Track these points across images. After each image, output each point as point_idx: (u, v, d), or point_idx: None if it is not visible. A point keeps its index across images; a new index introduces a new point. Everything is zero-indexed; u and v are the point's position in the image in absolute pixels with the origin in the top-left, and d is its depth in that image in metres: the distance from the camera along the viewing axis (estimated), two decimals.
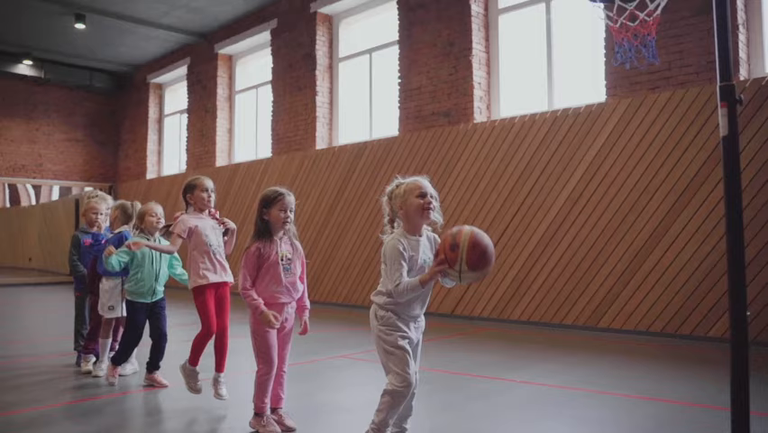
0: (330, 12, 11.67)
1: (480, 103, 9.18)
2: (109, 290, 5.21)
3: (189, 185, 4.34)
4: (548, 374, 5.30)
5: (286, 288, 3.58)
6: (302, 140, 11.82)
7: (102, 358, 5.27)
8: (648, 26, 3.16)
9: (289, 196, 3.64)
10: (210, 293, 4.24)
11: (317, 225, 11.09)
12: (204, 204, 4.31)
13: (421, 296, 2.99)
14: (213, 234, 4.28)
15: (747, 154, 6.50)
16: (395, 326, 2.95)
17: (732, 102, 2.37)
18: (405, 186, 3.03)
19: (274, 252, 3.57)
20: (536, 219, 8.16)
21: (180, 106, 15.90)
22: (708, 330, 6.74)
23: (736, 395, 2.95)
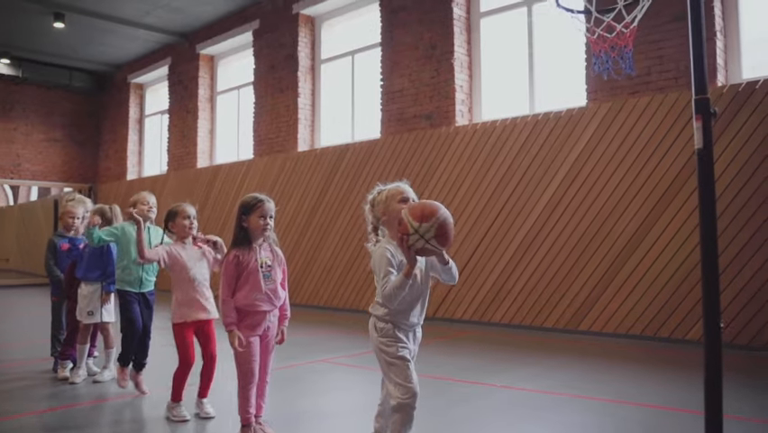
0: (312, 13, 11.63)
1: (461, 106, 9.20)
2: (88, 295, 5.14)
3: (170, 212, 4.21)
4: (529, 378, 5.32)
5: (266, 295, 3.52)
6: (284, 141, 11.77)
7: (80, 364, 5.21)
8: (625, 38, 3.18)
9: (269, 202, 3.58)
10: (190, 331, 4.09)
11: (299, 228, 11.06)
12: (186, 231, 4.16)
13: (419, 299, 2.95)
14: (197, 266, 4.12)
15: (724, 159, 6.57)
16: (395, 337, 2.92)
17: (707, 115, 2.39)
18: (386, 192, 3.01)
19: (253, 259, 3.51)
20: (517, 222, 8.19)
21: (161, 107, 15.77)
22: (687, 333, 6.81)
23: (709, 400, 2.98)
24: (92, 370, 5.37)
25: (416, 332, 3.04)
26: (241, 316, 3.49)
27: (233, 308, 3.45)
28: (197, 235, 4.21)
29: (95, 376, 5.20)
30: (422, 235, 2.66)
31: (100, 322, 5.17)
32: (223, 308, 3.46)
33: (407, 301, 2.91)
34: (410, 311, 2.95)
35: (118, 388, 4.86)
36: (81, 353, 5.20)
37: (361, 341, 7.39)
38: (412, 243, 2.69)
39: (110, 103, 17.21)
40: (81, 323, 5.17)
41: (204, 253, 4.18)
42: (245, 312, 3.49)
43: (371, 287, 9.88)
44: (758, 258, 6.39)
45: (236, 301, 3.47)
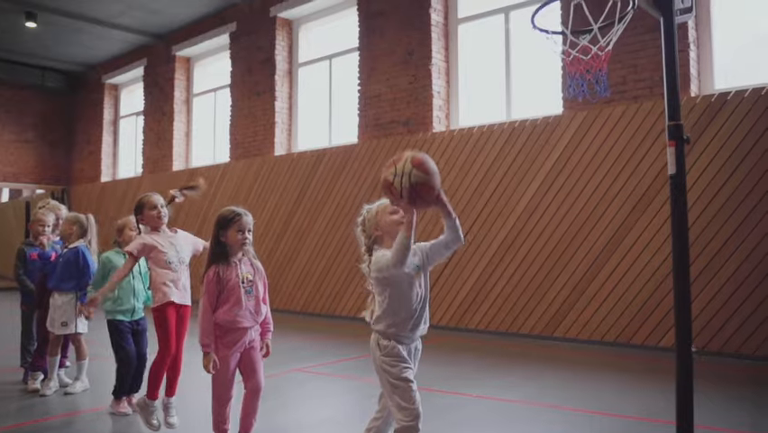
0: (290, 16, 11.58)
1: (439, 112, 9.22)
2: (62, 306, 5.03)
3: (137, 205, 4.20)
4: (506, 388, 5.34)
5: (249, 311, 3.45)
6: (261, 145, 11.70)
7: (50, 376, 5.11)
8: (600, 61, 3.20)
9: (246, 216, 3.51)
10: (172, 313, 4.05)
11: (275, 232, 10.99)
12: (156, 221, 4.14)
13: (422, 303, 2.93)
14: (173, 250, 4.11)
15: (698, 167, 6.65)
16: (398, 356, 2.89)
17: (680, 141, 2.42)
18: (375, 208, 3.05)
19: (234, 275, 3.44)
20: (494, 229, 8.22)
21: (136, 108, 15.59)
22: (660, 340, 6.89)
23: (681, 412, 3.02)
24: (63, 381, 5.28)
25: (417, 347, 3.01)
26: (221, 332, 3.41)
27: (212, 329, 3.37)
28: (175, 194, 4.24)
29: (66, 388, 5.12)
30: (402, 173, 2.66)
31: (78, 332, 5.08)
32: (201, 328, 3.37)
33: (411, 307, 2.89)
34: (413, 318, 2.91)
35: (91, 401, 4.78)
36: (52, 365, 5.10)
37: (338, 348, 7.37)
38: (398, 186, 2.66)
39: (84, 103, 16.96)
40: (52, 334, 5.07)
41: (179, 240, 4.18)
42: (226, 329, 3.41)
43: (348, 292, 9.86)
44: (729, 266, 6.49)
45: (217, 318, 3.39)
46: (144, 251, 4.06)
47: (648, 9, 2.76)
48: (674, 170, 2.39)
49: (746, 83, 6.77)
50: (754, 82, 6.71)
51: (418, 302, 2.92)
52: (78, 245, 5.10)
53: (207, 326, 3.37)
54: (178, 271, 4.10)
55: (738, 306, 6.43)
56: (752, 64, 6.98)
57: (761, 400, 4.96)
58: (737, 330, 6.43)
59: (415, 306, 2.91)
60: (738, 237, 6.47)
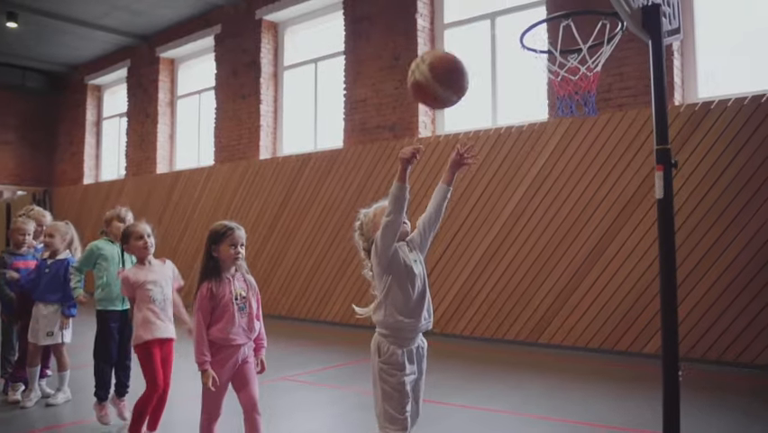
0: (275, 19, 11.52)
1: (425, 117, 9.21)
2: (48, 316, 4.97)
3: (124, 234, 4.10)
4: (491, 397, 5.34)
5: (242, 328, 3.39)
6: (246, 149, 11.63)
7: (31, 387, 5.04)
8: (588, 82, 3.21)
9: (239, 230, 3.44)
10: (157, 349, 3.96)
11: (260, 237, 10.93)
12: (142, 252, 4.04)
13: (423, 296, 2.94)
14: (158, 287, 4.01)
15: (682, 175, 6.69)
16: (397, 364, 2.88)
17: (668, 165, 2.42)
18: (372, 212, 3.06)
19: (227, 291, 3.37)
20: (479, 235, 8.23)
21: (120, 110, 15.44)
22: (643, 347, 6.93)
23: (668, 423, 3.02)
24: (45, 392, 5.20)
25: (420, 347, 2.99)
26: (214, 350, 3.34)
27: (207, 346, 3.31)
28: None
29: (48, 399, 5.04)
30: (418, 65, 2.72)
31: (61, 342, 5.01)
32: (196, 345, 3.30)
33: (413, 300, 2.89)
34: (413, 306, 2.90)
35: (73, 412, 4.71)
36: (32, 376, 5.03)
37: (324, 355, 7.33)
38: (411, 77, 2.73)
39: (66, 104, 16.77)
40: (32, 344, 4.99)
41: (166, 272, 4.10)
42: (219, 346, 3.34)
43: (333, 297, 9.83)
44: (713, 273, 6.54)
45: (210, 335, 3.33)
46: (132, 288, 3.96)
47: (637, 33, 2.78)
48: (662, 194, 2.40)
49: (729, 92, 6.84)
50: (737, 91, 6.78)
51: (419, 293, 2.92)
52: (67, 258, 5.07)
53: (202, 343, 3.30)
54: (162, 308, 4.00)
55: (721, 313, 6.49)
56: (734, 73, 7.04)
57: (748, 408, 5.00)
58: (720, 337, 6.48)
59: (415, 295, 2.91)
60: (722, 244, 6.53)
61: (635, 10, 2.74)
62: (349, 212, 9.65)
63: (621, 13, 2.70)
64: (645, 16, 2.77)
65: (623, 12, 2.68)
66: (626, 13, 2.68)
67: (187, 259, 12.30)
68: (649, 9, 2.79)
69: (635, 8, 2.73)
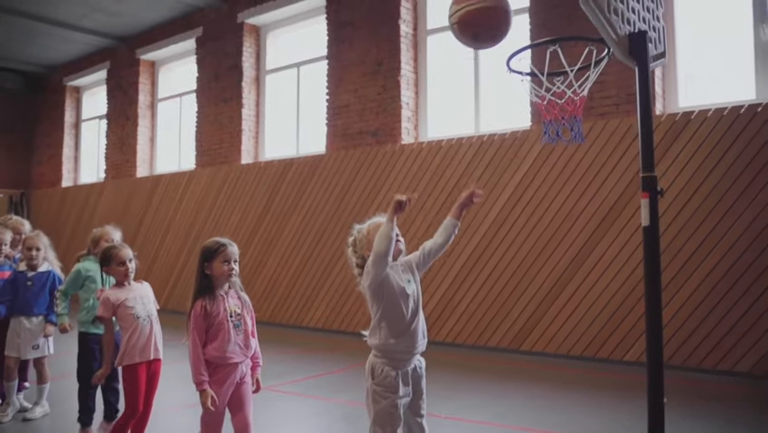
0: (257, 23, 11.45)
1: (407, 123, 9.20)
2: (32, 329, 4.90)
3: (105, 256, 3.98)
4: (476, 407, 5.33)
5: (238, 346, 3.33)
6: (227, 153, 11.55)
7: (9, 401, 4.94)
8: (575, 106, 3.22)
9: (232, 246, 3.39)
10: (143, 372, 3.86)
11: (242, 242, 10.84)
12: (122, 277, 3.95)
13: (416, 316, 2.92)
14: (141, 304, 3.92)
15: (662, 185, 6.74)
16: (390, 386, 2.86)
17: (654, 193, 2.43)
18: (366, 227, 3.06)
19: (222, 309, 3.32)
20: (462, 242, 8.23)
21: (99, 111, 15.26)
22: (625, 354, 6.97)
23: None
24: (22, 405, 5.11)
25: (416, 367, 2.97)
26: (211, 369, 3.28)
27: (204, 365, 3.24)
28: None
29: (25, 413, 4.96)
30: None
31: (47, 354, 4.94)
32: (193, 365, 3.23)
33: (406, 321, 2.88)
34: (408, 329, 2.88)
35: (51, 427, 4.63)
36: (10, 390, 4.93)
37: (306, 363, 7.29)
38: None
39: (44, 106, 16.54)
40: (12, 358, 4.89)
41: (146, 291, 4.01)
42: (215, 366, 3.28)
43: (316, 302, 9.78)
44: (693, 281, 6.60)
45: (206, 354, 3.27)
46: (113, 309, 3.85)
47: (623, 60, 2.79)
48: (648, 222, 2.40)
49: (709, 102, 6.91)
50: (717, 101, 6.85)
51: (412, 313, 2.91)
52: (50, 270, 5.02)
53: (198, 362, 3.24)
54: (147, 326, 3.90)
55: (701, 320, 6.55)
56: (714, 83, 7.12)
57: (731, 415, 5.04)
58: (700, 344, 6.54)
59: (408, 317, 2.89)
60: (702, 253, 6.59)
61: (622, 37, 2.75)
62: (331, 217, 9.62)
63: (607, 40, 2.70)
64: (632, 43, 2.78)
65: (609, 39, 2.69)
66: (612, 41, 2.69)
67: (167, 263, 12.20)
68: (635, 36, 2.80)
69: (621, 35, 2.74)
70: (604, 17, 2.61)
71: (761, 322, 6.25)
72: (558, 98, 3.15)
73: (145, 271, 11.50)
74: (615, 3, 2.69)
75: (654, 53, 3.05)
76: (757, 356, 6.27)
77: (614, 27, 2.71)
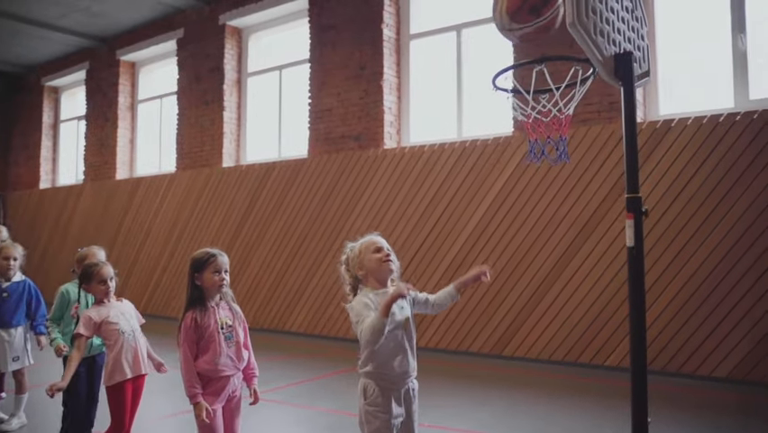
0: (239, 25, 11.38)
1: (390, 128, 9.20)
2: (11, 341, 4.82)
3: (85, 273, 3.89)
4: (459, 415, 5.33)
5: (230, 358, 3.27)
6: (208, 156, 11.46)
7: None
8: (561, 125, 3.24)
9: (222, 256, 3.33)
10: (129, 389, 3.79)
11: (223, 246, 10.71)
12: (103, 295, 3.86)
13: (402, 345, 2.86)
14: (124, 319, 3.84)
15: (643, 192, 6.80)
16: (383, 406, 2.82)
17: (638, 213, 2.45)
18: (358, 247, 2.98)
19: (213, 321, 3.25)
20: (444, 247, 8.25)
21: (78, 112, 15.08)
22: (605, 359, 7.02)
23: None
24: None
25: (409, 389, 2.92)
26: (203, 383, 3.22)
27: (196, 377, 3.19)
28: None
29: (1, 425, 4.87)
30: None
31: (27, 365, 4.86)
32: (186, 378, 3.18)
33: (389, 347, 2.82)
34: (393, 360, 2.83)
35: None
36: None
37: (288, 369, 7.24)
38: None
39: (21, 106, 16.30)
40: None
41: (127, 308, 3.94)
42: (207, 378, 3.22)
43: (297, 307, 9.75)
44: (673, 287, 6.66)
45: (198, 367, 3.21)
46: (95, 328, 3.77)
47: (608, 80, 2.80)
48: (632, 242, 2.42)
49: (689, 110, 6.98)
50: (696, 109, 6.93)
51: (407, 339, 2.87)
52: (25, 279, 4.96)
53: (191, 375, 3.18)
54: (133, 341, 3.82)
55: (681, 326, 6.61)
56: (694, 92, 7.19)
57: (715, 420, 5.09)
58: (680, 350, 6.61)
59: (402, 344, 2.85)
60: (682, 259, 6.65)
61: (608, 57, 2.76)
62: (314, 222, 9.59)
63: (593, 60, 2.71)
64: (617, 64, 2.79)
65: (595, 59, 2.69)
66: (598, 61, 2.69)
67: (147, 267, 12.09)
68: (621, 57, 2.81)
69: (607, 56, 2.75)
70: (590, 39, 2.61)
71: (739, 328, 6.33)
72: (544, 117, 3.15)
73: (125, 275, 11.39)
74: (601, 24, 2.70)
75: (639, 72, 3.06)
76: (735, 361, 6.35)
77: (600, 48, 2.71)
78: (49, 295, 4.46)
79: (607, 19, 2.78)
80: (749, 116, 6.44)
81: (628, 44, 2.99)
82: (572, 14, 2.52)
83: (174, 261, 11.62)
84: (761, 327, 6.22)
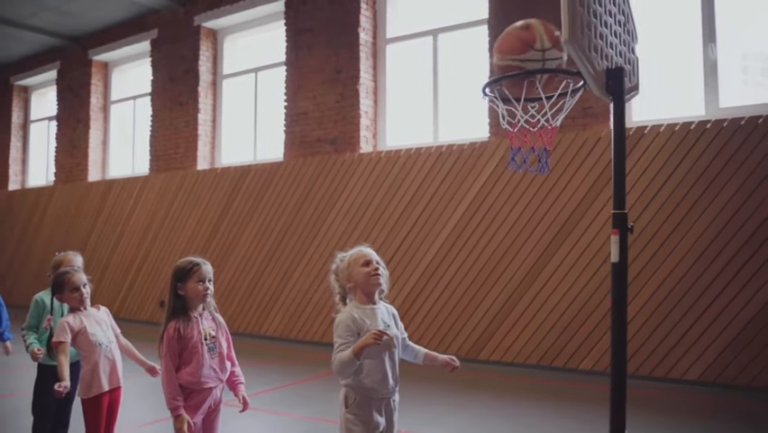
0: (215, 26, 11.30)
1: (366, 132, 9.20)
2: None
3: (57, 282, 3.78)
4: (435, 421, 5.35)
5: (213, 370, 3.20)
6: (183, 158, 11.36)
7: None
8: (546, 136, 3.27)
9: (206, 265, 3.29)
10: (105, 402, 3.69)
11: (198, 249, 10.67)
12: (77, 303, 3.76)
13: (382, 364, 2.85)
14: (101, 330, 3.74)
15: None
16: (363, 415, 2.81)
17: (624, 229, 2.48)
18: (348, 259, 2.98)
19: (196, 331, 3.19)
20: (420, 252, 8.28)
21: (49, 113, 14.84)
22: (580, 363, 7.11)
23: None
24: None
25: (390, 402, 2.91)
26: (184, 395, 3.15)
27: (178, 390, 3.12)
28: None
29: None
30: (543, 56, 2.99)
31: None
32: (167, 390, 3.11)
33: (370, 365, 2.82)
34: (373, 377, 2.83)
35: None
36: None
37: (263, 375, 7.20)
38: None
39: None
40: None
41: (104, 317, 3.84)
42: (189, 391, 3.16)
43: (273, 311, 9.71)
44: (644, 293, 6.77)
45: (180, 379, 3.14)
46: (74, 333, 3.65)
47: (599, 95, 2.83)
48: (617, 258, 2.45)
49: (662, 117, 7.10)
50: (669, 116, 7.04)
51: (383, 363, 2.86)
52: None
53: (173, 387, 3.11)
54: (109, 354, 3.72)
55: (653, 330, 6.72)
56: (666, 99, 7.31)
57: (683, 420, 5.18)
58: (652, 353, 6.72)
59: (380, 366, 2.84)
60: (655, 264, 6.76)
61: (599, 72, 2.78)
62: (289, 225, 9.55)
63: (585, 74, 2.73)
64: (609, 79, 2.82)
65: (587, 74, 2.71)
66: (590, 75, 2.71)
67: (120, 272, 11.94)
68: (613, 72, 2.83)
69: (599, 70, 2.77)
70: (584, 55, 2.63)
71: (709, 332, 6.45)
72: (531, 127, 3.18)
73: (97, 278, 11.22)
74: (595, 40, 2.72)
75: (629, 86, 3.09)
76: (705, 365, 6.47)
77: (593, 64, 2.73)
78: (18, 299, 4.39)
79: (600, 34, 2.80)
80: (719, 124, 6.57)
81: (620, 58, 3.02)
82: (568, 31, 2.54)
83: (147, 264, 11.49)
84: (730, 331, 6.36)
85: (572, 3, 2.56)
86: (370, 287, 2.93)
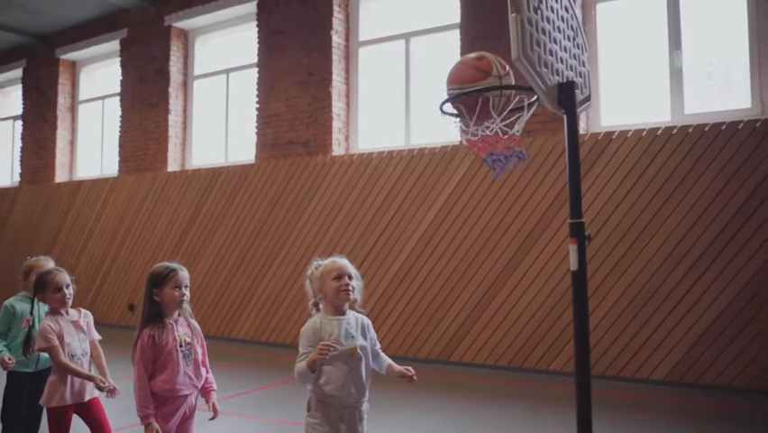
0: (186, 27, 11.20)
1: (338, 135, 9.21)
2: None
3: (39, 283, 3.71)
4: (405, 422, 5.38)
5: (188, 377, 3.18)
6: (152, 159, 11.24)
7: None
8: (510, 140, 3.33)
9: (182, 270, 3.26)
10: (71, 413, 3.61)
11: (167, 252, 10.58)
12: (59, 305, 3.69)
13: (349, 375, 2.86)
14: (77, 340, 3.67)
15: (586, 201, 7.01)
16: (324, 421, 2.84)
17: (581, 238, 2.54)
18: (322, 269, 3.02)
19: (171, 338, 3.15)
20: (391, 255, 8.31)
21: (14, 112, 14.56)
22: (549, 364, 7.21)
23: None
24: None
25: (355, 412, 2.91)
26: (158, 402, 3.12)
27: (150, 398, 3.08)
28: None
29: None
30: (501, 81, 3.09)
31: None
32: (139, 397, 3.06)
33: (336, 376, 2.85)
34: (337, 385, 2.85)
35: None
36: None
37: (234, 378, 7.17)
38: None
39: None
40: None
41: (80, 324, 3.76)
42: (164, 398, 3.12)
43: (244, 314, 9.66)
44: (613, 294, 6.89)
45: (154, 386, 3.11)
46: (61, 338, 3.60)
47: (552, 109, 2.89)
48: (576, 266, 2.51)
49: (629, 122, 7.24)
50: (636, 122, 7.18)
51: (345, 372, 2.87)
52: None
53: (144, 395, 3.07)
54: (81, 363, 3.64)
55: (621, 332, 6.85)
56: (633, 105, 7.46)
57: (650, 419, 5.28)
58: (619, 354, 6.84)
59: (344, 377, 2.86)
60: (623, 266, 6.89)
61: (551, 87, 2.85)
62: (261, 228, 9.52)
63: (537, 91, 2.79)
64: (561, 93, 2.89)
65: (539, 89, 2.78)
66: (541, 91, 2.78)
67: (88, 274, 11.76)
68: (564, 86, 2.91)
69: (550, 85, 2.84)
70: (535, 72, 2.69)
71: (675, 333, 6.59)
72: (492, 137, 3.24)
73: None
74: (545, 56, 2.79)
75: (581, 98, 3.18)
76: (671, 364, 6.61)
77: (543, 79, 2.80)
78: None
79: (550, 50, 2.87)
80: (684, 130, 6.72)
81: (570, 72, 3.10)
82: (517, 49, 2.59)
83: (117, 267, 11.35)
84: (695, 331, 6.50)
85: (521, 20, 2.62)
86: (338, 301, 2.98)
